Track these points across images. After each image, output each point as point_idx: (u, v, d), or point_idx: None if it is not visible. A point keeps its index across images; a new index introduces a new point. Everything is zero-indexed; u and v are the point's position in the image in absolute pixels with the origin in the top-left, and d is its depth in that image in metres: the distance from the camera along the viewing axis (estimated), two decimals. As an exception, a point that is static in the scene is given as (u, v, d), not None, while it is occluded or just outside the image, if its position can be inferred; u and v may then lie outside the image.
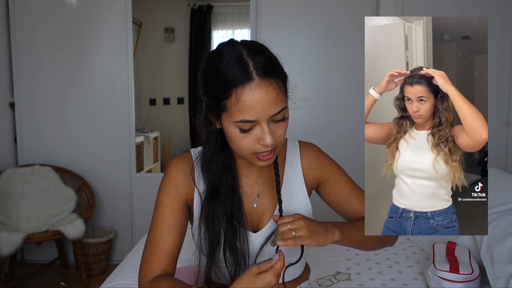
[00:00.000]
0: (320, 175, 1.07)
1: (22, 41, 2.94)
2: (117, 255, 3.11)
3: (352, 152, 2.91)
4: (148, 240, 0.98)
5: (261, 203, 1.02)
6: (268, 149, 0.88)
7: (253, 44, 0.88)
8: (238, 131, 0.86)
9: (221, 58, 0.84)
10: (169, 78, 3.90)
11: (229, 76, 0.82)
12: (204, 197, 0.97)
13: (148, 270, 0.95)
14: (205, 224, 0.95)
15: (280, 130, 0.88)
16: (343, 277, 1.64)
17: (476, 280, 1.46)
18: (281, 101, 0.85)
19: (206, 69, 0.89)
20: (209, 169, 0.96)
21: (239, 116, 0.83)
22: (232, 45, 0.87)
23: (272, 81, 0.83)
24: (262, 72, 0.82)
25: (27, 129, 3.01)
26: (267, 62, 0.84)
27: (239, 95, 0.82)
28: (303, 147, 1.08)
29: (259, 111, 0.82)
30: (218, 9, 3.75)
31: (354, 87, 2.95)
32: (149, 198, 3.01)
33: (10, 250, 2.37)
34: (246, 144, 0.87)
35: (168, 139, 3.82)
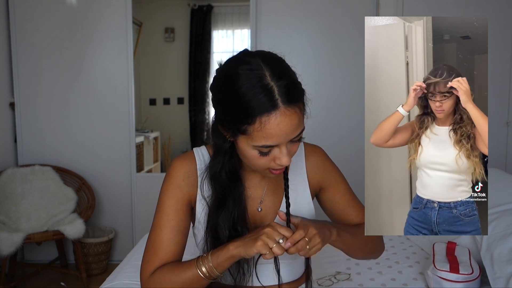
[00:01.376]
0: (323, 180, 1.06)
1: (22, 41, 2.94)
2: (117, 255, 3.11)
3: (352, 152, 2.92)
4: (150, 241, 0.97)
5: (264, 206, 1.02)
6: (282, 167, 0.89)
7: (274, 62, 0.84)
8: (256, 152, 0.85)
9: (242, 81, 0.81)
10: (169, 78, 3.90)
11: (253, 103, 0.79)
12: (211, 205, 0.97)
13: (151, 268, 0.95)
14: (210, 231, 0.96)
15: (294, 148, 0.89)
16: (343, 277, 1.64)
17: (476, 280, 1.46)
18: (302, 123, 0.86)
19: (222, 90, 0.86)
20: (219, 180, 0.96)
21: (261, 142, 0.83)
22: (251, 64, 0.82)
23: (296, 107, 0.82)
24: (286, 99, 0.80)
25: (27, 129, 3.01)
26: (290, 86, 0.82)
27: (264, 123, 0.80)
28: (309, 149, 1.07)
29: (281, 137, 0.83)
30: (218, 9, 3.75)
31: (354, 87, 2.95)
32: (149, 198, 3.02)
33: (10, 250, 2.37)
34: (262, 163, 0.88)
35: (168, 139, 3.82)
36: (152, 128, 3.68)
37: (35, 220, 2.70)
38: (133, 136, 3.03)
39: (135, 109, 3.02)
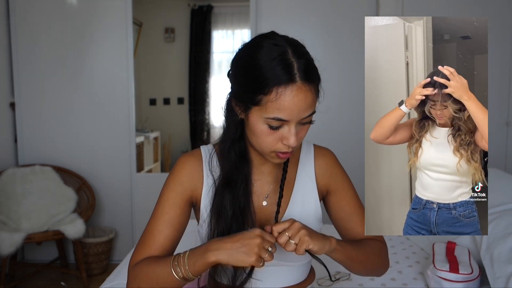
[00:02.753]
0: (330, 183, 1.05)
1: (22, 41, 2.94)
2: (117, 255, 3.11)
3: (352, 152, 2.91)
4: (144, 230, 0.99)
5: (270, 203, 1.02)
6: (288, 150, 0.89)
7: (297, 44, 0.89)
8: (266, 127, 0.87)
9: (264, 52, 0.85)
10: (169, 78, 3.90)
11: (272, 73, 0.83)
12: (218, 184, 0.97)
13: (137, 257, 0.96)
14: (215, 210, 0.95)
15: (303, 132, 0.90)
16: (343, 277, 1.64)
17: (476, 280, 1.46)
18: (314, 105, 0.88)
19: (244, 59, 0.89)
20: (227, 156, 0.96)
21: (274, 113, 0.84)
22: (276, 40, 0.87)
23: (312, 86, 0.85)
24: (304, 75, 0.84)
25: (27, 129, 3.01)
26: (310, 66, 0.86)
27: (280, 94, 0.83)
28: (318, 151, 1.07)
29: (294, 113, 0.84)
30: (218, 9, 3.75)
31: (354, 87, 2.95)
32: (149, 198, 3.02)
33: (11, 250, 2.37)
34: (270, 141, 0.88)
35: (168, 139, 3.82)
36: (152, 128, 3.68)
37: (35, 220, 2.70)
38: (133, 136, 3.03)
39: (135, 109, 3.02)
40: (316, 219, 1.03)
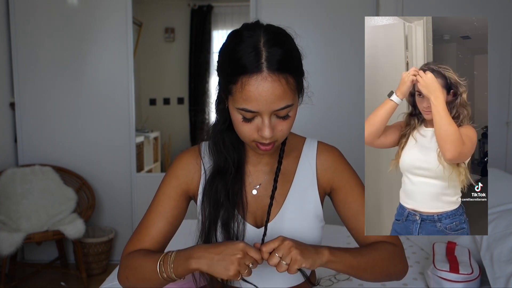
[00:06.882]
0: (334, 180, 1.02)
1: (22, 41, 2.94)
2: (117, 255, 3.11)
3: (352, 152, 2.90)
4: (140, 221, 1.01)
5: (265, 195, 1.00)
6: (265, 141, 0.87)
7: (275, 32, 0.86)
8: (240, 117, 0.86)
9: (239, 40, 0.84)
10: (169, 78, 3.91)
11: (241, 62, 0.81)
12: (209, 173, 0.98)
13: (130, 248, 0.98)
14: (206, 200, 0.96)
15: (282, 126, 0.87)
16: (343, 277, 1.64)
17: (476, 280, 1.46)
18: (288, 98, 0.84)
19: (222, 49, 0.89)
20: (217, 146, 0.97)
21: (242, 104, 0.83)
22: (253, 29, 0.85)
23: (281, 77, 0.82)
24: (274, 65, 0.81)
25: (27, 129, 3.01)
26: (282, 56, 0.82)
27: (244, 84, 0.81)
28: (322, 147, 1.05)
29: (261, 104, 0.82)
30: (218, 9, 3.75)
31: (354, 87, 2.95)
32: (149, 198, 2.99)
33: (11, 250, 2.37)
34: (247, 131, 0.87)
35: (168, 139, 3.83)
36: (152, 128, 3.69)
37: (35, 220, 2.70)
38: (133, 136, 3.03)
39: (135, 109, 3.02)
40: (315, 216, 1.00)
